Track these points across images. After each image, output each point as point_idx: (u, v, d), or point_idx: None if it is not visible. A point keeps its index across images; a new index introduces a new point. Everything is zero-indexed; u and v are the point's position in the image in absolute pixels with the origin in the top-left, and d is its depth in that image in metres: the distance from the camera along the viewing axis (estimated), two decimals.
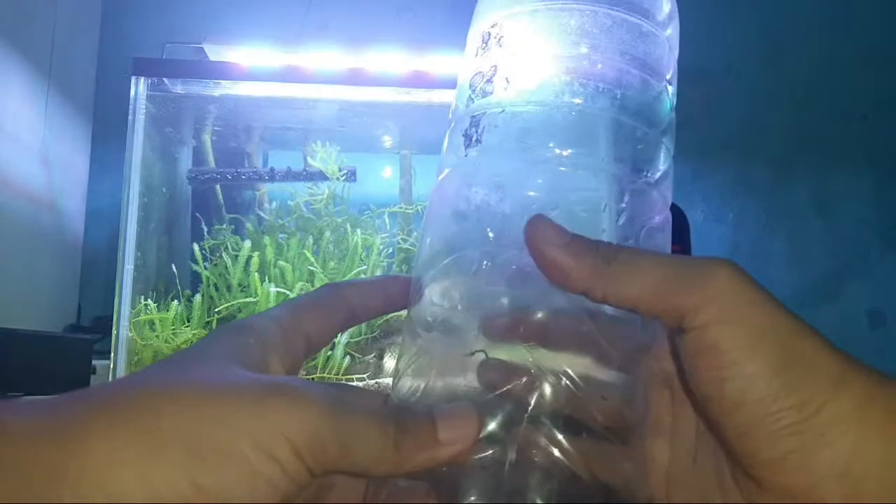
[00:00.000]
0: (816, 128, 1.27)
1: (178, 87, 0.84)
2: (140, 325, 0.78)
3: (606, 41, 0.26)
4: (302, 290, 0.82)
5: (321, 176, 0.92)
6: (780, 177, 1.24)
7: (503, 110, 0.26)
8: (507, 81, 0.26)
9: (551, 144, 0.25)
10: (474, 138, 0.26)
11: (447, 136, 0.28)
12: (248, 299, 0.81)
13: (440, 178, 0.28)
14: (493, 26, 0.27)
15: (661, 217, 0.27)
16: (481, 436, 0.22)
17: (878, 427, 0.20)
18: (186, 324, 0.80)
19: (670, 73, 0.28)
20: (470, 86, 0.27)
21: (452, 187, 0.27)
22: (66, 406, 0.19)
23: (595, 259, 0.22)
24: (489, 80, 0.26)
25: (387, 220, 0.94)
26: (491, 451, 0.22)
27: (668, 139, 0.27)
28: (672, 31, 0.28)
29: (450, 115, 0.29)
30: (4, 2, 0.84)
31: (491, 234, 0.25)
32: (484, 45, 0.27)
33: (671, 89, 0.28)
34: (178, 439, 0.19)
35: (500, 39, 0.27)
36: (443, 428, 0.22)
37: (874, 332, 1.21)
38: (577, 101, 0.26)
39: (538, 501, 0.22)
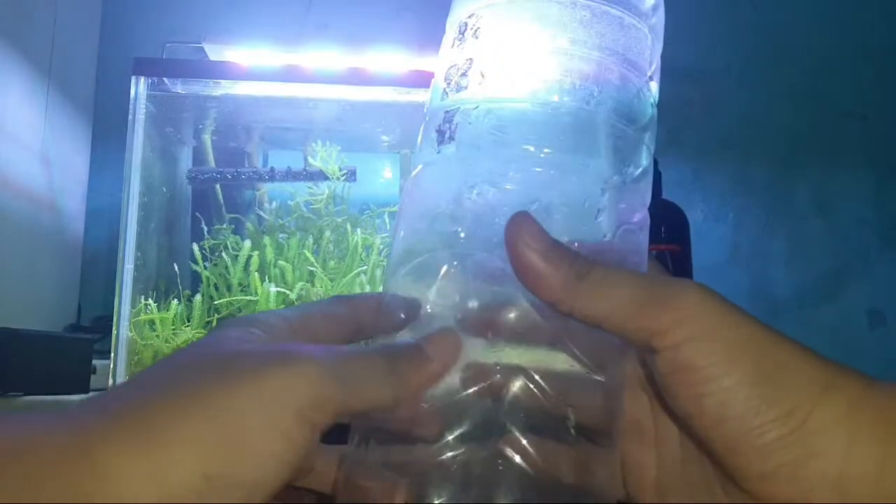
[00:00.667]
0: (816, 128, 1.27)
1: (179, 87, 0.84)
2: (140, 325, 0.78)
3: (585, 35, 0.25)
4: (302, 289, 0.82)
5: (321, 176, 0.92)
6: (779, 177, 1.24)
7: (477, 106, 0.25)
8: (482, 76, 0.25)
9: (526, 143, 0.25)
10: (447, 135, 0.25)
11: (421, 130, 0.27)
12: (248, 298, 0.81)
13: (413, 174, 0.27)
14: (469, 16, 0.26)
15: (639, 216, 0.26)
16: (452, 436, 0.22)
17: (870, 430, 0.20)
18: (187, 323, 0.80)
19: (653, 67, 0.27)
20: (445, 79, 0.27)
21: (424, 185, 0.26)
22: (75, 419, 0.19)
23: (569, 272, 0.22)
24: (464, 74, 0.26)
25: (387, 220, 0.94)
26: (462, 451, 0.22)
27: (649, 137, 0.27)
28: (656, 21, 0.27)
29: (424, 110, 0.28)
30: (4, 1, 0.84)
31: (462, 235, 0.25)
32: (460, 36, 0.27)
33: (654, 85, 0.27)
34: (185, 436, 0.19)
35: (476, 31, 0.26)
36: (428, 346, 0.23)
37: (874, 331, 1.21)
38: (554, 98, 0.25)
39: (507, 502, 0.22)
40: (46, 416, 0.19)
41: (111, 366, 0.73)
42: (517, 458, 0.22)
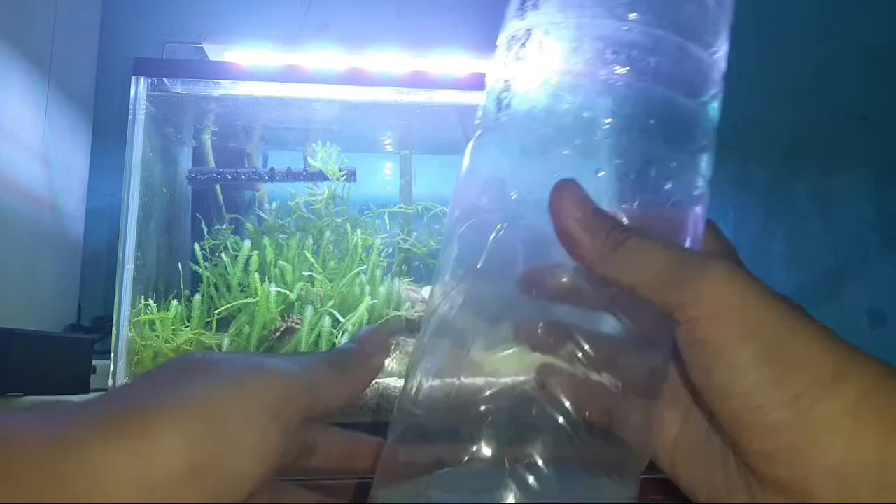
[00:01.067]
0: (816, 127, 1.27)
1: (179, 87, 0.84)
2: (140, 325, 0.78)
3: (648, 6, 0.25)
4: (302, 290, 0.82)
5: (321, 176, 0.92)
6: (779, 176, 1.24)
7: (536, 76, 0.25)
8: (541, 45, 0.26)
9: (586, 112, 0.25)
10: (505, 102, 0.26)
11: (482, 103, 0.28)
12: (248, 300, 0.81)
13: (474, 138, 0.28)
14: None
15: (698, 190, 0.26)
16: (490, 390, 0.23)
17: (873, 425, 0.20)
18: (187, 324, 0.80)
19: (719, 40, 0.27)
20: (507, 49, 0.27)
21: (483, 150, 0.27)
22: (64, 417, 0.20)
23: (605, 240, 0.23)
24: (523, 45, 0.26)
25: (387, 220, 0.94)
26: (500, 401, 0.23)
27: (713, 109, 0.27)
28: (721, 52, 0.27)
29: (489, 79, 0.28)
30: (4, 1, 0.84)
31: (515, 195, 0.25)
32: (521, 6, 0.27)
33: (720, 57, 0.27)
34: (170, 426, 0.20)
35: (537, 2, 0.26)
36: (364, 345, 0.28)
37: (874, 331, 1.21)
38: (616, 69, 0.25)
39: (541, 449, 0.22)
40: (29, 415, 0.20)
41: (111, 366, 0.73)
42: (555, 404, 0.23)
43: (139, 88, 0.81)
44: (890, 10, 1.31)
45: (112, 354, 0.74)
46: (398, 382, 0.69)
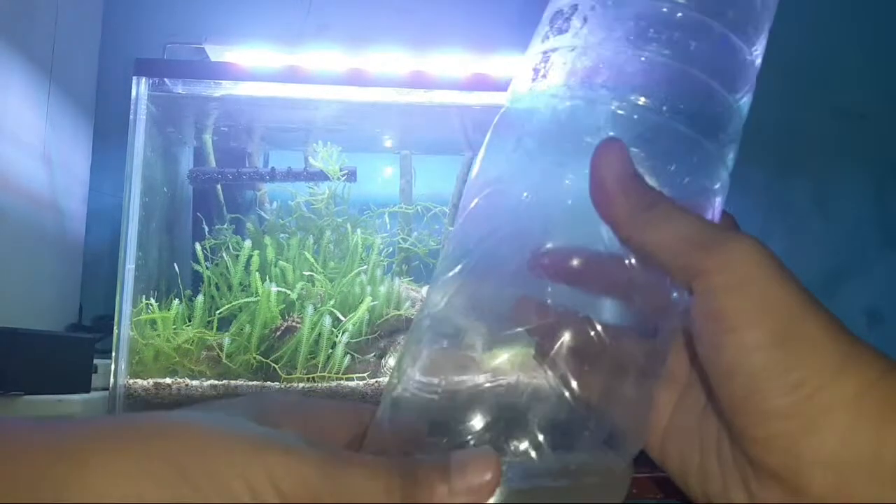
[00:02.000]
0: (815, 127, 1.28)
1: (180, 88, 0.84)
2: (141, 325, 0.79)
3: (693, 45, 0.25)
4: (303, 289, 0.82)
5: (322, 176, 0.93)
6: (778, 176, 1.24)
7: (574, 48, 0.26)
8: (585, 21, 0.26)
9: (629, 94, 0.25)
10: (541, 73, 0.26)
11: (517, 73, 0.28)
12: (248, 299, 0.81)
13: (502, 111, 0.28)
14: None
15: (719, 183, 0.27)
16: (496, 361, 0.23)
17: (872, 418, 0.20)
18: (188, 323, 0.80)
19: (747, 87, 0.27)
20: (549, 22, 0.27)
21: (514, 117, 0.27)
22: (69, 427, 0.20)
23: (638, 202, 0.23)
24: (567, 19, 0.26)
25: (387, 220, 0.94)
26: (503, 379, 0.23)
27: (745, 102, 0.27)
28: (760, 48, 0.27)
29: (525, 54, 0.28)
30: (5, 1, 0.84)
31: (526, 195, 0.25)
32: None
33: (745, 100, 0.27)
34: (172, 462, 0.19)
35: None
36: (457, 476, 0.20)
37: (872, 331, 1.21)
38: (652, 48, 0.25)
39: (537, 421, 0.22)
40: (24, 423, 0.20)
41: (112, 365, 0.74)
42: (557, 384, 0.23)
43: (140, 88, 0.81)
44: (890, 9, 1.31)
45: (113, 353, 0.74)
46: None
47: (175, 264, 0.87)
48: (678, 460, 0.25)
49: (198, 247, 0.86)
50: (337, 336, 0.78)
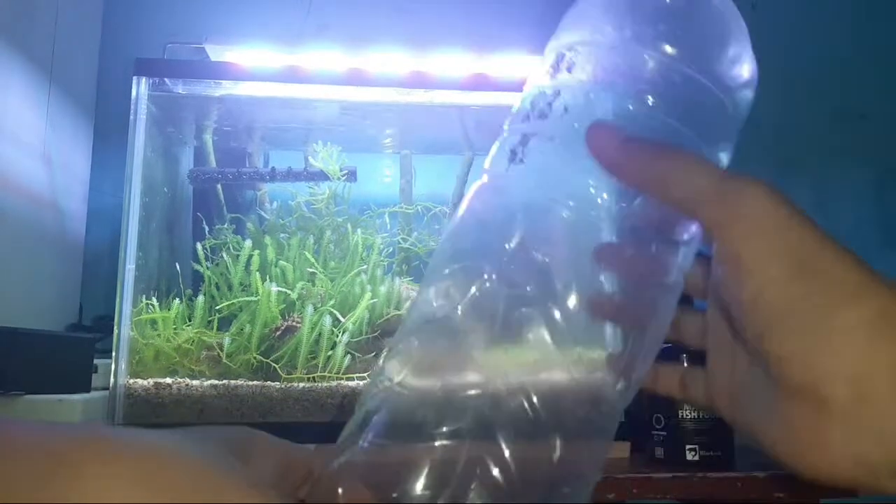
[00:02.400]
0: (815, 127, 1.28)
1: (180, 88, 0.84)
2: (142, 325, 0.79)
3: (671, 98, 0.26)
4: (303, 289, 0.82)
5: (322, 176, 0.93)
6: (778, 176, 1.24)
7: (553, 138, 0.26)
8: (566, 111, 0.27)
9: (591, 182, 0.26)
10: (518, 157, 0.27)
11: (496, 144, 0.29)
12: (249, 298, 0.81)
13: (479, 183, 0.29)
14: (569, 49, 0.28)
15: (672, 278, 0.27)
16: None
17: (890, 339, 0.21)
18: (188, 323, 0.80)
19: (726, 143, 0.28)
20: (531, 103, 0.28)
21: (485, 197, 0.28)
22: (67, 430, 0.20)
23: (643, 157, 0.25)
24: (549, 104, 0.27)
25: (387, 220, 0.94)
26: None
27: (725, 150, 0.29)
28: (743, 101, 0.28)
29: (505, 125, 0.29)
30: (5, 1, 0.84)
31: (508, 246, 0.26)
32: (556, 65, 0.28)
33: (723, 156, 0.29)
34: (168, 486, 0.20)
35: (570, 66, 0.27)
36: None
37: None
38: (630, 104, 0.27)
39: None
40: (22, 423, 0.20)
41: (113, 365, 0.74)
42: (522, 401, 0.23)
43: (140, 88, 0.81)
44: (890, 9, 1.31)
45: (114, 353, 0.74)
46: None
47: (176, 264, 0.87)
48: (746, 421, 0.26)
49: (198, 246, 0.86)
50: (337, 336, 0.78)
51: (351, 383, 0.76)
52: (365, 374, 0.78)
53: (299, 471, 0.26)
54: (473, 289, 0.25)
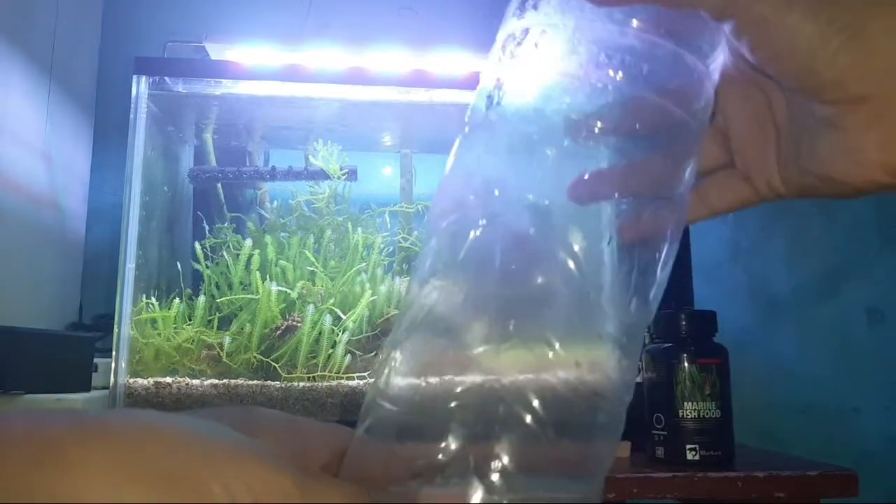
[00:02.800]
0: None
1: (180, 86, 0.84)
2: (142, 324, 0.79)
3: (644, 70, 0.26)
4: (303, 288, 0.82)
5: (322, 175, 0.93)
6: None
7: (527, 76, 0.26)
8: (536, 47, 0.26)
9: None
10: (495, 100, 0.27)
11: (475, 96, 0.28)
12: (249, 296, 0.81)
13: (460, 137, 0.29)
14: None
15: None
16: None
17: None
18: (188, 322, 0.80)
19: (701, 104, 0.28)
20: (501, 47, 0.28)
21: (468, 144, 0.28)
22: (56, 417, 0.20)
23: None
24: (518, 44, 0.27)
25: (387, 219, 0.94)
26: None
27: (689, 171, 0.28)
28: (716, 63, 0.28)
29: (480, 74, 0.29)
30: (5, 1, 0.84)
31: (497, 192, 0.26)
32: (521, 5, 0.28)
33: (704, 114, 0.28)
34: (152, 462, 0.19)
35: (537, 3, 0.27)
36: None
37: (873, 330, 1.21)
38: (608, 73, 0.26)
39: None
40: (26, 415, 0.20)
41: (113, 364, 0.74)
42: (524, 402, 0.23)
43: (140, 87, 0.81)
44: None
45: (114, 352, 0.74)
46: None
47: (176, 263, 0.87)
48: (795, 165, 0.28)
49: (198, 246, 0.86)
50: (337, 335, 0.78)
51: (351, 382, 0.76)
52: (365, 374, 0.78)
53: (311, 440, 0.26)
54: (472, 235, 0.25)
